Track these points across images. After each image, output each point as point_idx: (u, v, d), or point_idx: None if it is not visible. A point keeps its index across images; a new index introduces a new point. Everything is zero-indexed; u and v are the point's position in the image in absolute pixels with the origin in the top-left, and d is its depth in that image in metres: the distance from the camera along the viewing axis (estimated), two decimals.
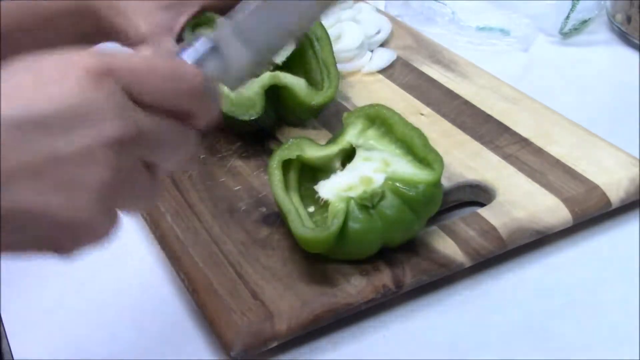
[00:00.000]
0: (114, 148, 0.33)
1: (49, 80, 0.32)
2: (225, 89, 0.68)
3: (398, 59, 0.79)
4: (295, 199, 0.56)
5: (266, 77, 0.66)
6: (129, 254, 0.59)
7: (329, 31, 0.78)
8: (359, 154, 0.58)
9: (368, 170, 0.55)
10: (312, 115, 0.69)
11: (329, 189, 0.54)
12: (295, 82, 0.66)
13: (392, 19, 0.87)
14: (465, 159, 0.63)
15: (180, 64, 0.36)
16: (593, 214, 0.58)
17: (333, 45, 0.74)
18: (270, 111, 0.67)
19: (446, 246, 0.54)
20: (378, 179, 0.53)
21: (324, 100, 0.67)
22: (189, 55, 0.39)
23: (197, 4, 0.64)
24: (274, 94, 0.66)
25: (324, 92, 0.68)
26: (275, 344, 0.49)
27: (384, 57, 0.79)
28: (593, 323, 0.51)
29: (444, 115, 0.70)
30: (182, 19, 0.64)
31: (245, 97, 0.65)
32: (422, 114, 0.70)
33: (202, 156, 0.66)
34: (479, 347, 0.49)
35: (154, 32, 0.61)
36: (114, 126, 0.32)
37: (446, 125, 0.68)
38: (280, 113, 0.69)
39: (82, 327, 0.53)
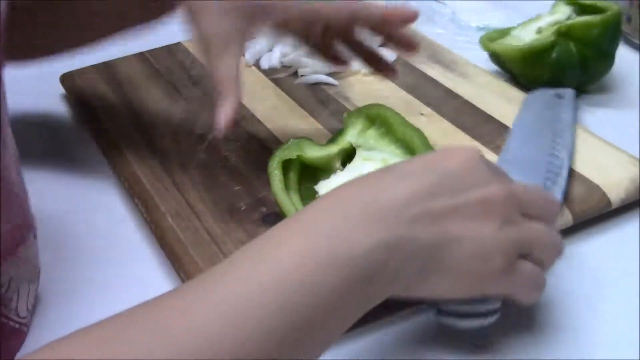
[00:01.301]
0: (502, 202, 0.44)
1: (456, 156, 0.45)
2: None
3: (398, 59, 0.79)
4: (295, 199, 0.56)
5: None
6: (129, 254, 0.59)
7: None
8: (359, 154, 0.58)
9: (368, 170, 0.55)
10: None
11: (329, 189, 0.54)
12: None
13: None
14: None
15: (552, 197, 0.51)
16: (593, 214, 0.58)
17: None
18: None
19: None
20: None
21: None
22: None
23: (275, 16, 0.58)
24: None
25: None
26: None
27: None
28: (593, 323, 0.51)
29: (444, 115, 0.70)
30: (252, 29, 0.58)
31: None
32: (422, 114, 0.70)
33: (202, 156, 0.66)
34: (479, 347, 0.49)
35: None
36: (497, 189, 0.44)
37: (446, 125, 0.68)
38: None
39: (80, 326, 0.53)
